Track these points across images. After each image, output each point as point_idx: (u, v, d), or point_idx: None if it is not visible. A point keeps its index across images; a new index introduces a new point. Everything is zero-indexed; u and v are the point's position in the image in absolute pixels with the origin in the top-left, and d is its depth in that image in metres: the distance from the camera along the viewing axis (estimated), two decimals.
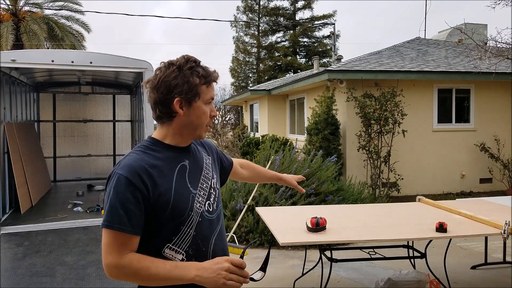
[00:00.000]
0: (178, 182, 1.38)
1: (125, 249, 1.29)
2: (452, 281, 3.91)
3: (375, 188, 7.91)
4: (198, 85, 1.39)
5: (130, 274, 1.28)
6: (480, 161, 9.12)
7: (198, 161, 1.51)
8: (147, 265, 1.27)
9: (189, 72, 1.38)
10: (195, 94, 1.39)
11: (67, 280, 3.48)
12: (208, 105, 1.44)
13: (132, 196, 1.28)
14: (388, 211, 3.93)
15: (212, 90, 1.45)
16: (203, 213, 1.42)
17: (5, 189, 5.08)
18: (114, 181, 1.31)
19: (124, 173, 1.30)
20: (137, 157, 1.36)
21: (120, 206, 1.28)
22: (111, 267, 1.28)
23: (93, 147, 8.13)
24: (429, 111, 8.96)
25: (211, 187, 1.50)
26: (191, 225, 1.38)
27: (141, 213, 1.30)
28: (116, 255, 1.28)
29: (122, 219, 1.27)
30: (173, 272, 1.27)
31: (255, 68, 30.34)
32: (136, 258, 1.29)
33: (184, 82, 1.37)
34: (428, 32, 65.07)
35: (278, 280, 4.20)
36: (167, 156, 1.41)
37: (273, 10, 29.40)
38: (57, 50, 15.44)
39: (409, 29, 78.28)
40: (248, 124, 16.85)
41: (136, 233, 1.31)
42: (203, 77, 1.40)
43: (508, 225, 2.95)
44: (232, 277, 1.27)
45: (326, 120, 8.03)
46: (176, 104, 1.37)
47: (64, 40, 19.65)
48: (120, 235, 1.28)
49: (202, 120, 1.43)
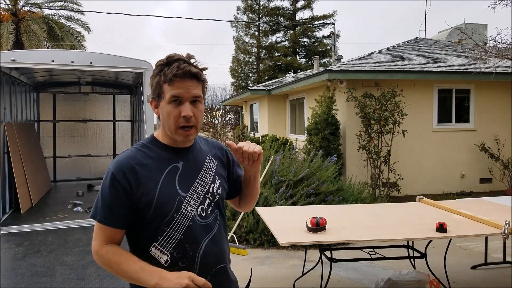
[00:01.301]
0: (165, 183, 1.36)
1: (107, 240, 1.35)
2: (452, 281, 3.91)
3: (375, 188, 7.91)
4: (161, 84, 1.36)
5: (105, 264, 1.34)
6: (480, 161, 9.12)
7: (196, 163, 1.46)
8: (120, 261, 1.32)
9: (156, 71, 1.38)
10: (158, 94, 1.38)
11: (67, 280, 3.48)
12: (175, 105, 1.34)
13: (115, 190, 1.33)
14: (388, 211, 3.93)
15: (176, 89, 1.33)
16: (194, 217, 1.39)
17: (5, 189, 5.08)
18: (105, 175, 1.38)
19: (112, 168, 1.36)
20: (130, 154, 1.39)
21: (103, 200, 1.35)
22: (93, 253, 1.37)
23: (93, 147, 8.13)
24: (429, 111, 8.96)
25: (208, 192, 1.45)
26: (177, 228, 1.35)
27: (124, 208, 1.34)
28: (97, 243, 1.36)
29: (104, 212, 1.34)
30: (138, 274, 1.30)
31: (255, 68, 30.32)
32: (112, 250, 1.34)
33: (153, 82, 1.40)
34: (428, 32, 65.11)
35: (278, 280, 4.20)
36: (159, 156, 1.41)
37: (273, 10, 29.39)
38: (57, 50, 15.45)
39: (409, 29, 78.35)
40: (248, 124, 16.84)
41: (117, 227, 1.35)
42: (164, 75, 1.35)
43: (508, 225, 2.96)
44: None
45: (326, 120, 8.03)
46: (151, 104, 1.44)
47: (64, 40, 19.64)
48: (102, 227, 1.35)
49: (169, 121, 1.36)
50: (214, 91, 25.27)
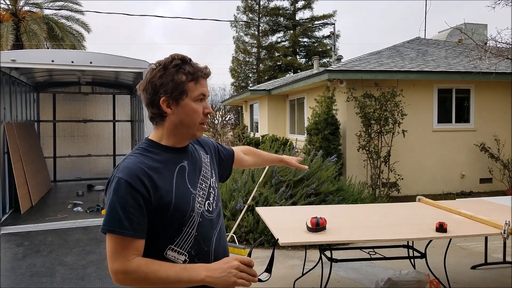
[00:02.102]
0: (178, 183, 1.37)
1: (131, 254, 1.26)
2: (452, 281, 3.91)
3: (375, 188, 7.91)
4: (185, 83, 1.36)
5: (139, 279, 1.25)
6: (480, 161, 9.12)
7: (196, 161, 1.49)
8: (156, 269, 1.25)
9: (174, 70, 1.36)
10: (181, 92, 1.36)
11: (67, 280, 3.48)
12: (200, 102, 1.40)
13: (132, 199, 1.26)
14: (388, 211, 3.93)
15: (202, 87, 1.39)
16: (203, 213, 1.42)
17: (5, 189, 5.08)
18: (114, 184, 1.29)
19: (124, 176, 1.28)
20: (136, 160, 1.34)
21: (121, 210, 1.25)
22: (118, 273, 1.26)
23: (93, 147, 8.13)
24: (429, 111, 8.96)
25: (210, 186, 1.49)
26: (193, 225, 1.37)
27: (143, 216, 1.28)
28: (122, 261, 1.25)
29: (123, 222, 1.25)
30: (182, 274, 1.25)
31: (255, 68, 30.32)
32: (144, 262, 1.26)
33: (169, 80, 1.35)
34: (428, 32, 65.07)
35: (278, 280, 4.20)
36: (165, 158, 1.39)
37: (273, 10, 29.39)
38: (57, 50, 15.44)
39: (409, 29, 78.27)
40: (248, 124, 16.84)
41: (139, 237, 1.28)
42: (189, 73, 1.36)
43: (508, 225, 2.95)
44: (243, 275, 1.26)
45: (326, 120, 8.03)
46: (163, 103, 1.37)
47: (64, 40, 19.64)
48: (122, 239, 1.25)
49: (193, 118, 1.39)
50: (214, 91, 25.31)
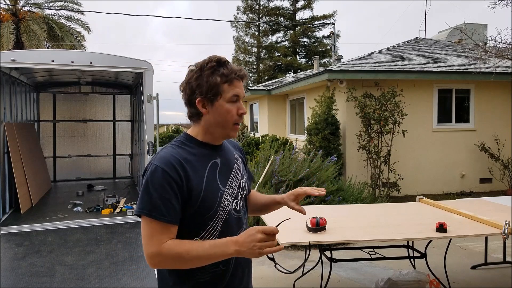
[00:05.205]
0: (209, 178, 1.43)
1: (165, 238, 1.34)
2: (452, 281, 3.91)
3: (375, 188, 7.91)
4: (219, 84, 1.43)
5: (173, 259, 1.33)
6: (480, 161, 9.12)
7: (229, 160, 1.56)
8: (188, 248, 1.32)
9: (209, 72, 1.43)
10: (216, 93, 1.43)
11: (67, 280, 3.47)
12: (234, 103, 1.46)
13: (168, 186, 1.34)
14: (388, 211, 3.93)
15: (236, 88, 1.46)
16: (231, 211, 1.48)
17: (5, 189, 5.07)
18: (151, 171, 1.37)
19: (161, 164, 1.36)
20: (173, 151, 1.42)
21: (158, 196, 1.33)
22: (153, 257, 1.33)
23: (93, 147, 8.12)
24: (429, 111, 8.96)
25: (239, 187, 1.55)
26: (218, 221, 1.43)
27: (177, 203, 1.36)
28: (156, 244, 1.33)
29: (160, 208, 1.33)
30: (211, 251, 1.32)
31: (255, 68, 30.34)
32: (175, 243, 1.34)
33: (204, 82, 1.43)
34: (428, 32, 65.14)
35: (278, 280, 4.20)
36: (200, 152, 1.47)
37: (273, 10, 29.41)
38: (57, 50, 15.45)
39: (409, 29, 78.34)
40: (248, 124, 16.84)
41: (174, 222, 1.36)
42: (223, 75, 1.43)
43: (508, 225, 2.96)
44: (267, 245, 1.31)
45: (326, 120, 8.03)
46: (198, 104, 1.45)
47: (64, 40, 19.63)
48: (159, 224, 1.33)
49: (226, 118, 1.46)
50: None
